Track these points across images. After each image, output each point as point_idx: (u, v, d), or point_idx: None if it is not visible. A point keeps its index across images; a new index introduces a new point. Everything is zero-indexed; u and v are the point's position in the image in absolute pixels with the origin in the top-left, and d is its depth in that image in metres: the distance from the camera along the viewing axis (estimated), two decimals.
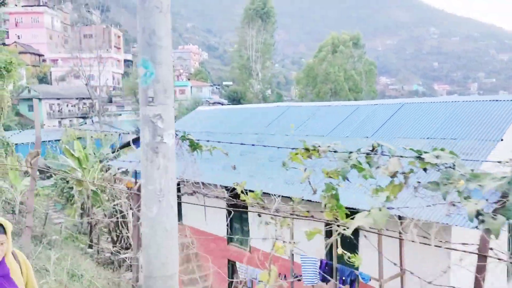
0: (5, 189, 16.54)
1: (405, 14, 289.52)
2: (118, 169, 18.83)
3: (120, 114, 49.44)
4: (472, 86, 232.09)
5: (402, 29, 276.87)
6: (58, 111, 50.02)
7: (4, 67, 24.53)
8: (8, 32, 63.43)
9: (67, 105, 51.51)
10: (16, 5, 68.60)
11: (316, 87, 58.61)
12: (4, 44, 46.23)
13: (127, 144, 35.88)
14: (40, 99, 48.84)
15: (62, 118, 50.02)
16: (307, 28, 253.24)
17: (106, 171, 17.75)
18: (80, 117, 52.13)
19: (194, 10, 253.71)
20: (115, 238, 15.91)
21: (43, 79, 62.76)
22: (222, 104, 79.11)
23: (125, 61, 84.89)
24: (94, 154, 17.68)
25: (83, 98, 53.28)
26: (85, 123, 46.67)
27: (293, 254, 8.85)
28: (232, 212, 10.83)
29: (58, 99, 49.77)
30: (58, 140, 36.08)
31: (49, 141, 36.20)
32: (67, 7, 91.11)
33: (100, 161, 17.45)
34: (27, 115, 48.06)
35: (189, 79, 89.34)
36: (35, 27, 68.99)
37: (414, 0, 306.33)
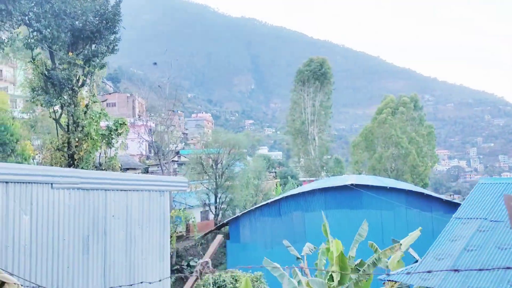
0: None
1: (398, 83, 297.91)
2: None
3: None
4: (471, 151, 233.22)
5: (396, 97, 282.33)
6: None
7: (115, 129, 18.92)
8: None
9: None
10: None
11: (375, 151, 53.79)
12: None
13: (220, 226, 29.59)
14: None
15: None
16: None
17: None
18: None
19: (195, 81, 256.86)
20: None
21: None
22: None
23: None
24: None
25: (127, 169, 47.31)
26: None
27: None
28: None
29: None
30: None
31: None
32: None
33: None
34: None
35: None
36: None
37: (406, 70, 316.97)
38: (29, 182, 5.52)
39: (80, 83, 18.22)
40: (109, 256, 6.28)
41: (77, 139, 17.75)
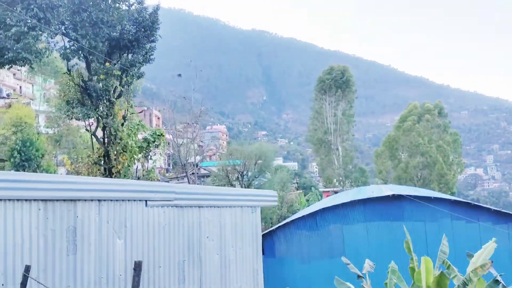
0: None
1: (411, 91, 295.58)
2: None
3: None
4: (488, 159, 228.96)
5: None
6: None
7: (153, 141, 18.15)
8: None
9: None
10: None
11: (400, 160, 52.48)
12: None
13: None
14: None
15: None
16: None
17: None
18: None
19: (207, 94, 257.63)
20: None
21: None
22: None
23: None
24: None
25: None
26: None
27: None
28: None
29: None
30: None
31: None
32: None
33: None
34: None
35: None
36: None
37: (418, 78, 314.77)
38: (122, 200, 4.62)
39: (116, 94, 17.55)
40: (204, 285, 5.31)
41: (115, 152, 17.00)
